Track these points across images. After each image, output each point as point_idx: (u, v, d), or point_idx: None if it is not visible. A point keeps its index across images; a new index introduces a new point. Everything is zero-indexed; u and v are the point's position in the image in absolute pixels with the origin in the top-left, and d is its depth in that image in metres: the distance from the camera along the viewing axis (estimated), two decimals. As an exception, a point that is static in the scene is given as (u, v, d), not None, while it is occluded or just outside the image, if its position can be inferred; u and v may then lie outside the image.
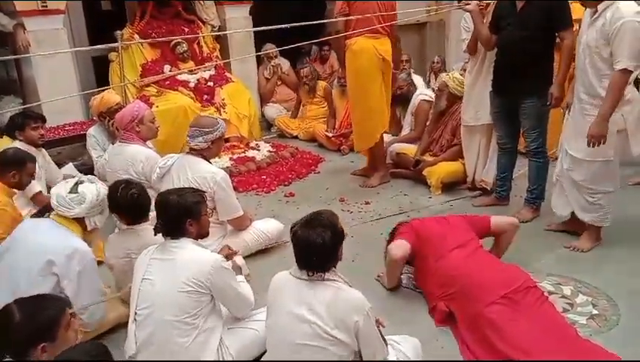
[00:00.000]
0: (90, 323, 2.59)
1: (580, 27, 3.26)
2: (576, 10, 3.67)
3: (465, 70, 4.46)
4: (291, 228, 2.07)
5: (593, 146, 3.01)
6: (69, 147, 4.78)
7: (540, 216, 3.75)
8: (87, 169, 4.57)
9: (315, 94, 6.55)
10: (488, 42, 3.75)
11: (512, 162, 3.95)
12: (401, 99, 5.22)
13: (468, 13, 3.93)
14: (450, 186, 4.39)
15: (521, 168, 4.22)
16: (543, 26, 3.42)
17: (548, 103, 3.47)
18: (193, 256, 2.24)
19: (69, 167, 4.55)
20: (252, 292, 2.52)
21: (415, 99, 5.09)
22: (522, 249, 3.38)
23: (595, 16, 2.98)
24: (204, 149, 3.30)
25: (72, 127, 5.10)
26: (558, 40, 3.53)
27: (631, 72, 2.90)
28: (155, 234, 2.32)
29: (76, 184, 2.62)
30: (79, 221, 2.60)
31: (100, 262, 3.36)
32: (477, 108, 4.06)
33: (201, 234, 2.39)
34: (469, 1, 3.75)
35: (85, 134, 4.75)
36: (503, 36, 3.61)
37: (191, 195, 2.35)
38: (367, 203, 4.27)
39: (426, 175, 4.49)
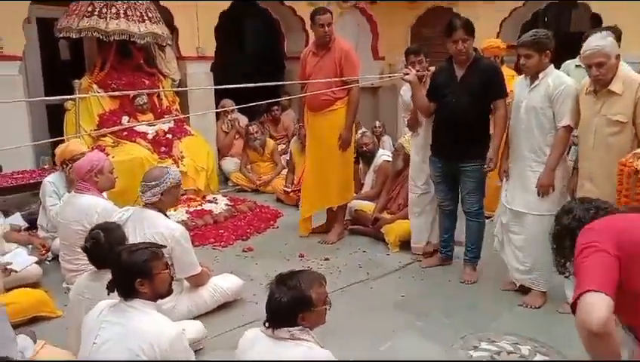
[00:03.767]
0: None
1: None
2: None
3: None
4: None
5: (542, 196, 3.29)
6: (17, 196, 4.58)
7: (497, 276, 3.83)
8: (35, 219, 4.39)
9: (264, 152, 6.64)
10: (427, 110, 3.91)
11: (454, 223, 4.06)
12: (367, 156, 5.34)
13: (405, 87, 4.10)
14: (407, 244, 4.44)
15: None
16: (482, 94, 3.63)
17: (485, 166, 3.64)
18: (149, 326, 2.04)
19: (16, 217, 4.36)
20: None
21: (378, 159, 5.23)
22: (479, 308, 3.46)
23: (536, 83, 3.31)
24: (156, 202, 3.23)
25: (20, 175, 4.92)
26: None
27: (572, 129, 3.29)
28: (109, 293, 2.16)
29: None
30: None
31: (48, 318, 3.24)
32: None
33: (159, 294, 2.19)
34: (409, 72, 3.89)
35: (34, 183, 4.60)
36: (443, 103, 3.76)
37: (142, 252, 2.15)
38: (326, 259, 4.27)
39: (384, 232, 4.56)
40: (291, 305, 1.96)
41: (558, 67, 4.29)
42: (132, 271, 2.10)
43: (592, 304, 1.57)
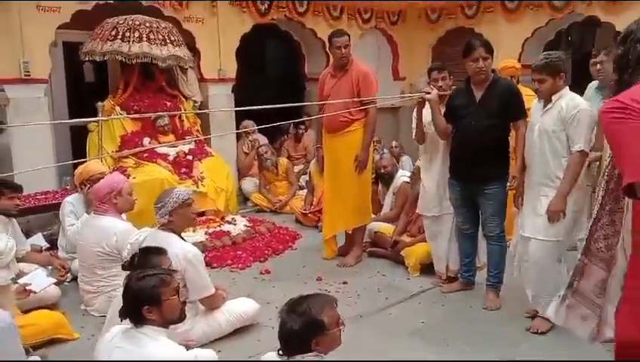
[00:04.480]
0: None
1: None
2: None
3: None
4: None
5: (553, 222, 3.16)
6: (39, 216, 4.64)
7: (521, 302, 3.68)
8: (56, 239, 4.44)
9: (278, 172, 6.63)
10: (445, 131, 3.81)
11: (475, 246, 3.97)
12: (385, 178, 5.28)
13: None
14: (428, 267, 4.34)
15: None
16: (501, 115, 3.57)
17: (508, 185, 3.56)
18: (160, 353, 2.02)
19: (37, 237, 4.42)
20: None
21: (398, 180, 5.15)
22: (503, 336, 3.34)
23: (549, 105, 3.21)
24: (168, 223, 3.21)
25: (43, 196, 4.99)
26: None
27: (587, 153, 3.15)
28: (122, 321, 2.16)
29: None
30: None
31: (65, 340, 3.23)
32: (444, 198, 4.03)
33: (169, 321, 2.16)
34: (430, 91, 3.81)
35: (56, 204, 4.66)
36: (463, 125, 3.68)
37: (150, 279, 2.13)
38: (344, 283, 4.19)
39: (403, 255, 4.47)
40: (304, 332, 1.93)
41: (583, 87, 4.21)
42: (139, 297, 2.09)
43: None
